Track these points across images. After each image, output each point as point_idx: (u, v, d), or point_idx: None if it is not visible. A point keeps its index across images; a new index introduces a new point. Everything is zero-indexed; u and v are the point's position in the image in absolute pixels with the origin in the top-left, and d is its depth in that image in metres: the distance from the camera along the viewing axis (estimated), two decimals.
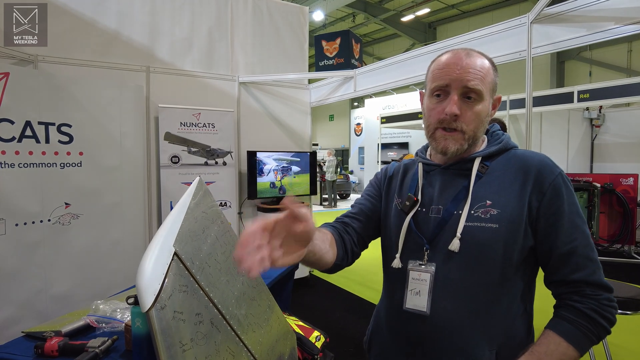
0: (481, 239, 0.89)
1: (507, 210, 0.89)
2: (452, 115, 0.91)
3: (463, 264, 0.90)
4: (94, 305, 1.70)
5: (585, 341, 0.83)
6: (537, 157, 0.94)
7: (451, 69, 0.92)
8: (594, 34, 2.25)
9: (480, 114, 0.93)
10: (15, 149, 2.55)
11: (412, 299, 0.95)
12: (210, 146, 3.88)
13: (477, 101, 0.92)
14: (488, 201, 0.91)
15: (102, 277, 3.04)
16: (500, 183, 0.92)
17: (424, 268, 0.95)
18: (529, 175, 0.91)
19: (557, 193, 0.88)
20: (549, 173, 0.90)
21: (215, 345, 1.13)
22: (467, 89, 0.91)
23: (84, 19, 3.35)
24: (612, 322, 0.85)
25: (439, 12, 15.24)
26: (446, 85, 0.92)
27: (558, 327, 0.85)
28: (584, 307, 0.84)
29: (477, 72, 0.91)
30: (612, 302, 0.85)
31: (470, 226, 0.90)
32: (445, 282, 0.92)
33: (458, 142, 0.93)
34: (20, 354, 1.45)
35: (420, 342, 0.94)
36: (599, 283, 0.86)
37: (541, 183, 0.89)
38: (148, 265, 0.97)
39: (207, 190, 1.46)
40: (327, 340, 2.08)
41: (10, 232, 2.51)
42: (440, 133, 0.94)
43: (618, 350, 2.95)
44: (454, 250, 0.90)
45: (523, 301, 0.93)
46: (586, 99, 6.02)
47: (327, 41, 5.77)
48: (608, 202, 5.43)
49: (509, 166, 0.94)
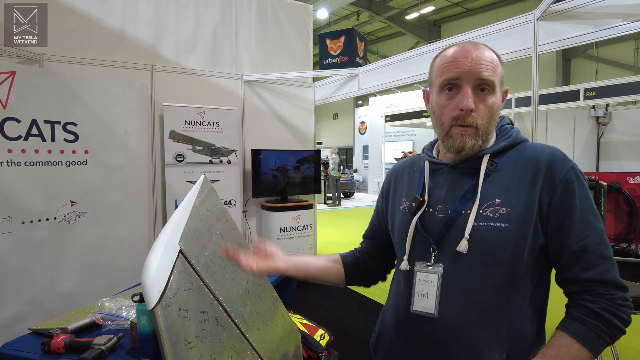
0: (490, 239, 0.86)
1: (517, 209, 0.85)
2: (468, 110, 0.87)
3: (472, 264, 0.88)
4: (100, 303, 1.71)
5: (599, 342, 0.80)
6: (547, 150, 0.90)
7: (461, 61, 0.88)
8: (600, 30, 2.22)
9: (493, 107, 0.90)
10: (22, 148, 2.56)
11: (419, 301, 0.93)
12: (214, 144, 3.89)
13: (490, 93, 0.89)
14: (497, 199, 0.88)
15: (107, 275, 3.05)
16: (510, 180, 0.89)
17: (431, 269, 0.92)
18: (539, 170, 0.87)
19: (569, 188, 0.85)
20: (560, 167, 0.86)
21: (220, 343, 1.14)
22: (481, 80, 0.87)
23: (90, 18, 3.37)
24: (627, 322, 0.81)
25: (444, 10, 15.16)
26: (457, 78, 0.89)
27: (570, 328, 0.82)
28: (597, 307, 0.81)
29: (489, 63, 0.88)
30: (627, 302, 0.82)
31: (479, 226, 0.87)
32: (454, 283, 0.89)
33: (473, 138, 0.90)
34: (27, 350, 1.47)
35: (428, 344, 0.91)
36: (613, 282, 0.82)
37: (552, 178, 0.85)
38: (153, 263, 0.98)
39: (212, 188, 1.46)
40: (331, 339, 2.08)
41: (16, 230, 2.52)
42: (457, 130, 0.90)
43: (626, 350, 2.92)
44: (462, 251, 0.87)
45: (534, 302, 0.89)
46: (593, 96, 5.98)
47: (331, 39, 5.77)
48: (614, 201, 5.40)
49: (518, 162, 0.91)
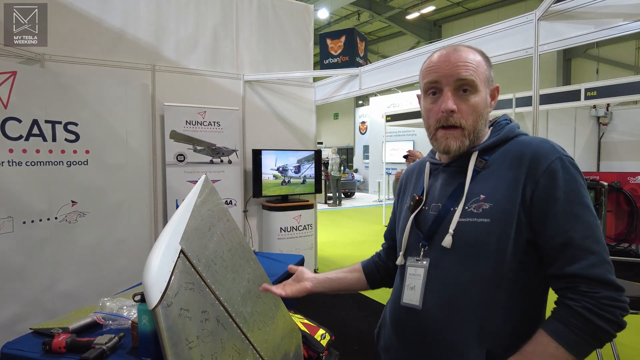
0: (473, 234, 0.87)
1: (500, 203, 0.86)
2: (449, 112, 0.90)
3: (456, 260, 0.90)
4: (101, 303, 1.71)
5: (579, 343, 0.77)
6: (534, 142, 0.89)
7: (440, 65, 0.92)
8: (601, 30, 2.23)
9: (477, 106, 0.91)
10: (23, 148, 2.56)
11: (408, 294, 0.97)
12: (215, 144, 3.89)
13: (472, 93, 0.90)
14: (482, 195, 0.89)
15: (108, 275, 3.06)
16: (497, 176, 0.89)
17: (419, 263, 0.96)
18: (523, 162, 0.86)
19: (552, 179, 0.83)
20: (544, 158, 0.84)
21: (221, 342, 1.14)
22: (460, 80, 0.90)
23: (90, 18, 3.37)
24: (614, 324, 0.76)
25: (444, 10, 15.15)
26: (436, 81, 0.92)
27: (548, 326, 0.80)
28: (577, 306, 0.77)
29: (468, 64, 0.90)
30: (616, 302, 0.77)
31: (463, 222, 0.89)
32: (438, 277, 0.92)
33: (459, 140, 0.92)
34: (28, 350, 1.47)
35: (415, 335, 0.95)
36: (599, 278, 0.77)
37: (535, 170, 0.84)
38: (155, 262, 0.98)
39: (213, 188, 1.46)
40: (332, 338, 2.08)
41: (17, 229, 2.53)
42: (441, 133, 0.93)
43: (626, 350, 2.92)
44: (446, 246, 0.90)
45: (526, 300, 0.88)
46: (593, 96, 5.96)
47: (332, 39, 5.76)
48: (615, 201, 5.39)
49: (506, 156, 0.91)
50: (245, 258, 1.49)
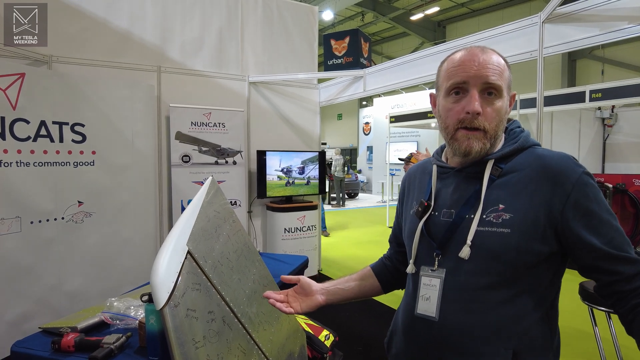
0: (492, 245, 0.86)
1: (521, 214, 0.85)
2: (475, 113, 0.87)
3: (473, 270, 0.88)
4: (108, 302, 1.73)
5: None
6: (556, 155, 0.89)
7: (468, 65, 0.89)
8: (607, 33, 2.22)
9: (501, 110, 0.90)
10: (31, 148, 2.60)
11: (422, 305, 0.94)
12: (220, 145, 3.91)
13: (497, 97, 0.90)
14: (501, 205, 0.87)
15: (114, 275, 3.09)
16: (515, 185, 0.88)
17: (434, 274, 0.93)
18: (548, 176, 0.86)
19: (583, 192, 0.84)
20: (571, 172, 0.85)
21: (227, 342, 1.15)
22: (488, 84, 0.88)
23: (97, 20, 3.40)
24: None
25: (449, 11, 15.13)
26: (464, 82, 0.89)
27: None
28: None
29: (495, 68, 0.89)
30: None
31: (482, 231, 0.87)
32: (456, 288, 0.90)
33: (481, 142, 0.90)
34: (38, 348, 1.49)
35: (430, 346, 0.93)
36: None
37: (563, 184, 0.84)
38: (162, 263, 0.99)
39: (219, 189, 1.48)
40: (336, 339, 2.09)
41: (25, 229, 2.56)
42: (463, 133, 0.90)
43: (630, 352, 2.91)
44: (464, 257, 0.88)
45: (542, 304, 0.88)
46: (598, 98, 5.94)
47: (336, 40, 5.75)
48: (620, 203, 5.36)
49: (525, 167, 0.90)
50: (251, 259, 1.50)
